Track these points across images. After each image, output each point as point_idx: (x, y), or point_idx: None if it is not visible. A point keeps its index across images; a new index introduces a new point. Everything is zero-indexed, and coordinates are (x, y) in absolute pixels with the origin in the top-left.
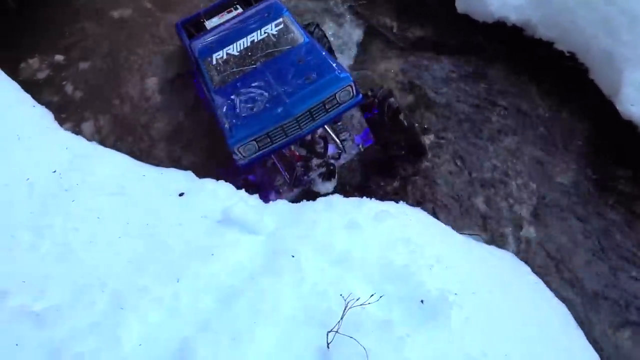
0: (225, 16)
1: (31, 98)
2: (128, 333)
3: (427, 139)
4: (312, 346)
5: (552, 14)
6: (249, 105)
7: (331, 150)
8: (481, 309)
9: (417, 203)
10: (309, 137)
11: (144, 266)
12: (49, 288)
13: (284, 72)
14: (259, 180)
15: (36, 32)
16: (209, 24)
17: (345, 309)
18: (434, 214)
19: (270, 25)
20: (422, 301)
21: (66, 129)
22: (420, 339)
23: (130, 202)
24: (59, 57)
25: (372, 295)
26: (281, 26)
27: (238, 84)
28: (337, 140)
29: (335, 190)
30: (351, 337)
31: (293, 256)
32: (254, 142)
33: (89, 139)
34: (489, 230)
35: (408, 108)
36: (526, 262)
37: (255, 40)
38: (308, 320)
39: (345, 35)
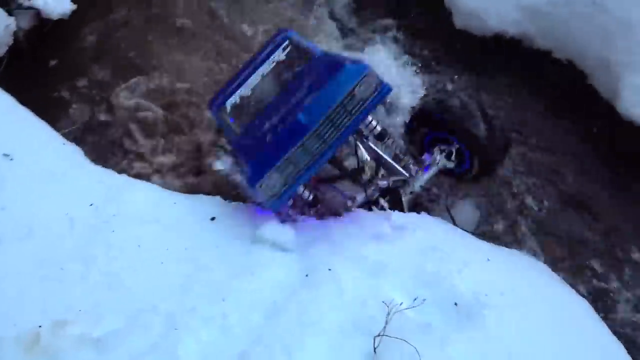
0: None
1: (60, 136)
2: (186, 351)
3: None
4: (360, 352)
5: (549, 26)
6: (262, 138)
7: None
8: (511, 309)
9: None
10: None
11: (190, 288)
12: (105, 315)
13: (299, 91)
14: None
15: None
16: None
17: (388, 315)
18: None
19: (277, 52)
20: (455, 304)
21: None
22: (460, 339)
23: (166, 229)
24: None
25: (416, 299)
26: (289, 49)
27: (257, 123)
28: (395, 165)
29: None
30: (401, 339)
31: (330, 269)
32: (276, 174)
33: None
34: (503, 232)
35: None
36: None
37: (265, 73)
38: (354, 329)
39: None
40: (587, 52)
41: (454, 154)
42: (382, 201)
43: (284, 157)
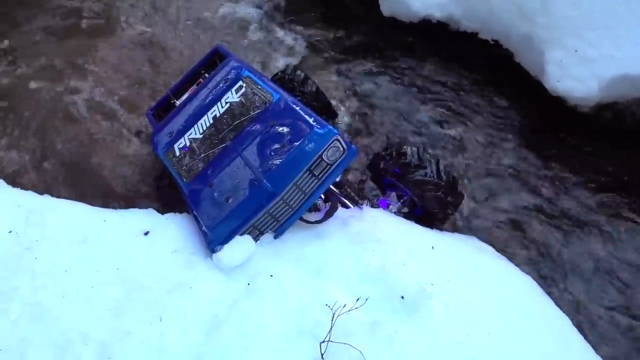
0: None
1: None
2: None
3: None
4: (307, 359)
5: (472, 7)
6: (223, 197)
7: None
8: (457, 294)
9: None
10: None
11: (124, 311)
12: (29, 351)
13: (257, 143)
14: None
15: None
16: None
17: (333, 318)
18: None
19: (229, 92)
20: (402, 297)
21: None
22: (408, 333)
23: (95, 250)
24: None
25: (358, 299)
26: (243, 90)
27: (209, 172)
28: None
29: None
30: (345, 344)
31: (271, 275)
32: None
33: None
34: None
35: (353, 114)
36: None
37: (218, 115)
38: (299, 335)
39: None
40: (510, 31)
41: (407, 201)
42: None
43: (249, 224)
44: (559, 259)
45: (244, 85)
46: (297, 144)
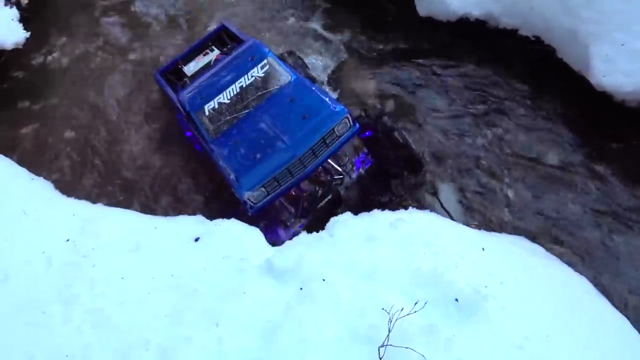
0: (202, 59)
1: (27, 171)
2: None
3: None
4: None
5: (512, 3)
6: (251, 153)
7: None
8: (513, 296)
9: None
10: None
11: (181, 317)
12: (93, 357)
13: (279, 113)
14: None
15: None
16: (187, 69)
17: (391, 322)
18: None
19: (256, 68)
20: (456, 300)
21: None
22: (466, 336)
23: (149, 257)
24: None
25: (416, 303)
26: (267, 67)
27: (234, 132)
28: (339, 168)
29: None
30: (406, 347)
31: (324, 280)
32: (263, 188)
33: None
34: (491, 218)
35: (391, 116)
36: (539, 244)
37: (244, 86)
38: (354, 339)
39: (322, 57)
40: (553, 26)
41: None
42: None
43: (271, 176)
44: (609, 258)
45: (268, 64)
46: (318, 117)
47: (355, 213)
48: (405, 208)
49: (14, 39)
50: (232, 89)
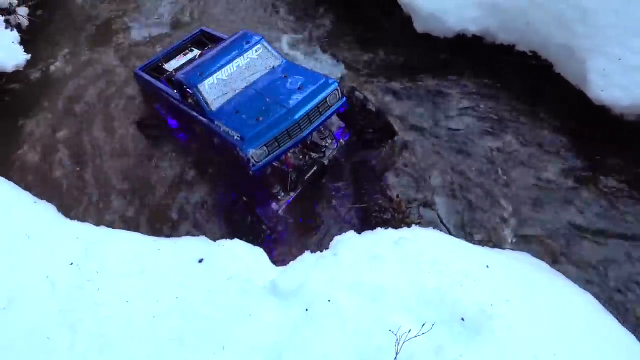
0: (183, 58)
1: (30, 195)
2: None
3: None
4: None
5: (509, 20)
6: (253, 117)
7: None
8: (519, 315)
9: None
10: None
11: (187, 340)
12: None
13: (276, 86)
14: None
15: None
16: (169, 66)
17: (398, 344)
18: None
19: (251, 51)
20: (462, 319)
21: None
22: (473, 356)
23: (153, 280)
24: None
25: (424, 325)
26: (261, 51)
27: (234, 103)
28: (321, 142)
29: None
30: None
31: (329, 300)
32: (265, 148)
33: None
34: (493, 234)
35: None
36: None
37: (241, 65)
38: None
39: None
40: (549, 41)
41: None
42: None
43: (273, 136)
44: (613, 274)
45: (262, 48)
46: (313, 87)
47: (359, 232)
48: (409, 226)
49: (14, 62)
50: (230, 68)
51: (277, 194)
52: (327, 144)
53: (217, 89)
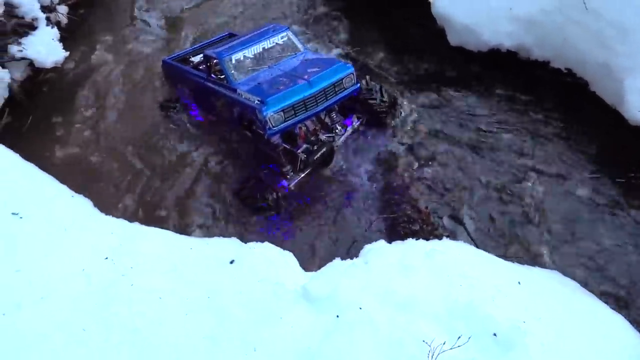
0: None
1: (68, 189)
2: None
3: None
4: None
5: (545, 35)
6: (274, 85)
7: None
8: (551, 333)
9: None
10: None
11: (218, 340)
12: None
13: (296, 66)
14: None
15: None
16: (195, 59)
17: (432, 356)
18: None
19: (276, 37)
20: (494, 334)
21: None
22: None
23: (185, 278)
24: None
25: (459, 337)
26: (285, 38)
27: (258, 76)
28: (333, 125)
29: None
30: None
31: (360, 308)
32: (282, 113)
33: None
34: (522, 250)
35: (419, 144)
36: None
37: (266, 47)
38: None
39: None
40: (586, 59)
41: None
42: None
43: (291, 103)
44: None
45: (287, 36)
46: (331, 66)
47: (389, 241)
48: (439, 238)
49: (54, 58)
50: (256, 47)
51: (286, 172)
52: (337, 130)
53: (242, 63)
